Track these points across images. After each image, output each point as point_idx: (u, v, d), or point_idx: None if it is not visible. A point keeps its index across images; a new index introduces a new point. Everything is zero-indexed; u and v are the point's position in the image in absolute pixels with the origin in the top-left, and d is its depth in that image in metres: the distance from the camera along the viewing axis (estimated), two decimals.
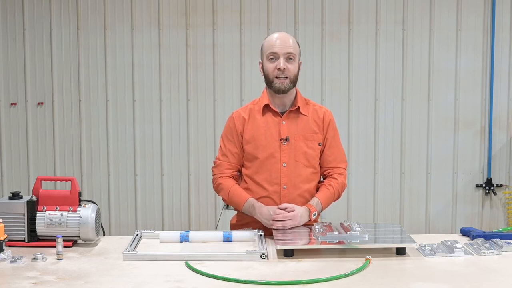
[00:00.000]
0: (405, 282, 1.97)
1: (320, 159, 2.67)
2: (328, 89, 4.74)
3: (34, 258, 2.15)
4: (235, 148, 2.65)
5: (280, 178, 2.58)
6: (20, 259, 2.14)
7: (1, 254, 2.16)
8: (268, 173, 2.59)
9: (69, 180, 2.42)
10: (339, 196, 2.70)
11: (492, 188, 4.81)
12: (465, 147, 4.82)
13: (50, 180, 2.55)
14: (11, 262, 2.13)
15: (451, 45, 4.76)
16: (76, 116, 4.75)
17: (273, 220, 2.44)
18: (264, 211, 2.49)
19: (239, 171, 2.70)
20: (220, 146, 2.70)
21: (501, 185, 4.85)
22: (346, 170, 2.72)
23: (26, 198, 2.38)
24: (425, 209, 4.85)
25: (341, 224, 2.46)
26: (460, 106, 4.80)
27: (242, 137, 2.63)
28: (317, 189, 2.66)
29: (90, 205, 2.38)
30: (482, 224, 4.86)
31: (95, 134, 4.76)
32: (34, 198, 2.37)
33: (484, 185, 4.83)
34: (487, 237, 2.39)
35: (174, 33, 4.71)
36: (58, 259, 2.17)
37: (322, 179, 2.73)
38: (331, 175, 2.67)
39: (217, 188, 2.69)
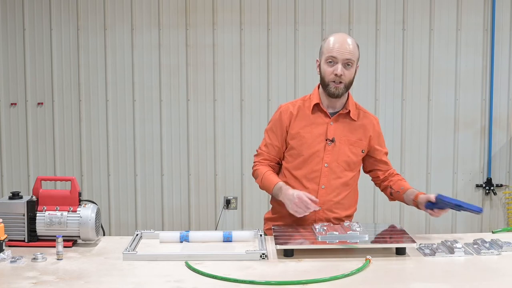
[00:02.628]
0: (405, 282, 1.97)
1: (377, 165, 2.72)
2: None
3: (34, 258, 2.15)
4: (277, 141, 2.65)
5: (320, 178, 2.57)
6: (20, 259, 2.14)
7: (1, 254, 2.16)
8: (309, 170, 2.58)
9: (69, 180, 2.42)
10: None
11: (492, 188, 4.81)
12: (465, 147, 4.82)
13: (50, 180, 2.56)
14: (11, 262, 2.13)
15: (451, 45, 4.76)
16: (76, 116, 4.75)
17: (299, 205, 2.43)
18: (289, 193, 2.47)
19: (279, 163, 2.70)
20: (264, 136, 2.71)
21: (501, 185, 4.85)
22: None
23: (26, 198, 2.37)
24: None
25: (341, 224, 2.46)
26: (460, 106, 4.80)
27: (287, 132, 2.63)
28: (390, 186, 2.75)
29: (90, 205, 2.38)
30: (482, 224, 4.86)
31: (95, 134, 4.76)
32: (34, 198, 2.37)
33: (484, 185, 4.83)
34: (452, 200, 2.44)
35: (174, 33, 4.71)
36: (58, 259, 2.17)
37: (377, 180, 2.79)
38: (396, 175, 2.77)
39: (254, 174, 2.70)
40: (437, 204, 2.47)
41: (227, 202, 4.74)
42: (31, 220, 2.34)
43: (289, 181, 2.61)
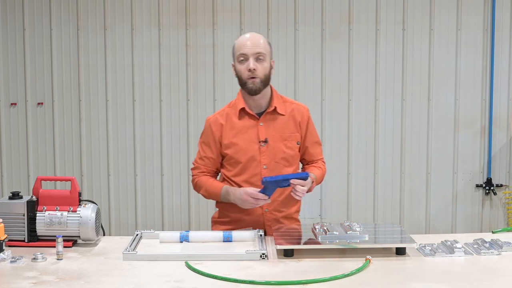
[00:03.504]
0: (405, 282, 1.97)
1: (303, 155, 2.72)
2: (328, 89, 4.74)
3: (34, 258, 2.15)
4: (211, 153, 2.68)
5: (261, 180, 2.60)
6: (20, 259, 2.14)
7: (1, 254, 2.16)
8: (249, 175, 2.61)
9: (69, 180, 2.42)
10: (321, 181, 2.77)
11: (492, 188, 4.81)
12: (465, 147, 4.82)
13: (50, 180, 2.56)
14: (11, 262, 2.13)
15: (451, 45, 4.76)
16: (76, 116, 4.75)
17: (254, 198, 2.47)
18: (236, 193, 2.53)
19: (217, 172, 2.75)
20: (198, 149, 2.73)
21: (501, 185, 4.85)
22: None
23: (26, 198, 2.38)
24: (425, 209, 4.85)
25: (341, 224, 2.46)
26: (460, 106, 4.80)
27: (220, 143, 2.65)
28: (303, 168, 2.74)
29: (90, 205, 2.38)
30: (482, 224, 4.86)
31: (95, 134, 4.76)
32: (34, 198, 2.37)
33: (484, 185, 4.83)
34: (278, 177, 2.42)
35: (174, 33, 4.71)
36: (58, 259, 2.17)
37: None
38: (317, 162, 2.74)
39: (196, 187, 2.73)
40: (267, 189, 2.45)
41: None
42: (31, 220, 2.34)
43: (232, 185, 2.63)
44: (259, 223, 2.62)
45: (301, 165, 2.79)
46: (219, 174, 2.76)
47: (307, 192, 2.53)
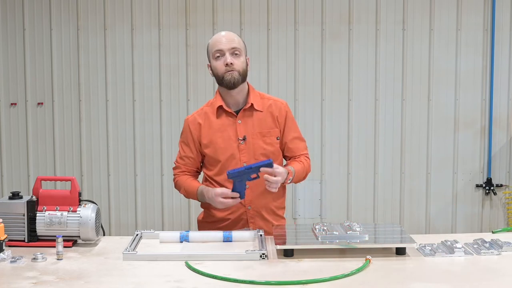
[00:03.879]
0: (405, 282, 1.97)
1: (284, 151, 2.70)
2: (328, 89, 4.74)
3: (34, 258, 2.15)
4: (191, 153, 2.68)
5: None
6: (20, 259, 2.14)
7: (1, 254, 2.16)
8: None
9: (69, 180, 2.42)
10: (305, 177, 2.70)
11: (492, 188, 4.81)
12: (465, 147, 4.82)
13: (50, 180, 2.56)
14: (11, 262, 2.13)
15: (451, 45, 4.76)
16: (76, 116, 4.75)
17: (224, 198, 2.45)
18: (209, 195, 2.52)
19: (198, 171, 2.75)
20: (179, 149, 2.73)
21: (501, 185, 4.85)
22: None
23: (26, 198, 2.37)
24: (425, 209, 4.85)
25: (341, 224, 2.46)
26: (460, 106, 4.80)
27: (200, 142, 2.65)
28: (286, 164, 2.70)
29: (90, 205, 2.38)
30: (482, 224, 4.86)
31: (95, 134, 4.76)
32: (34, 198, 2.37)
33: (484, 185, 4.83)
34: (241, 169, 2.40)
35: (174, 33, 4.71)
36: (58, 259, 2.17)
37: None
38: (299, 157, 2.70)
39: (176, 186, 2.73)
40: (237, 185, 2.43)
41: None
42: (31, 220, 2.34)
43: (213, 185, 2.63)
44: (243, 220, 2.63)
45: (284, 162, 2.77)
46: (200, 174, 2.76)
47: (284, 183, 2.50)
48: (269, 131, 2.63)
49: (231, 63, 2.55)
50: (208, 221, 2.71)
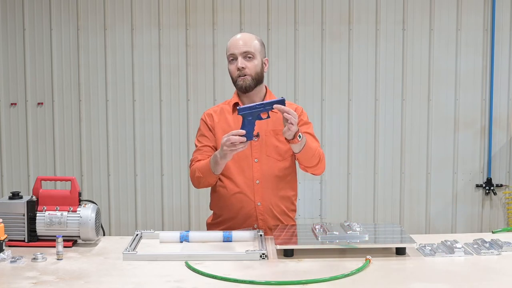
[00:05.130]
0: (405, 282, 1.97)
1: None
2: (328, 89, 4.74)
3: (34, 258, 2.15)
4: (209, 142, 2.68)
5: (253, 173, 2.61)
6: (20, 259, 2.14)
7: (1, 254, 2.16)
8: (241, 169, 2.62)
9: (69, 180, 2.42)
10: (319, 161, 2.62)
11: (492, 188, 4.81)
12: (465, 147, 4.82)
13: (50, 180, 2.55)
14: (11, 262, 2.13)
15: (451, 45, 4.76)
16: (76, 116, 4.75)
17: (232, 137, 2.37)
18: (221, 149, 2.43)
19: None
20: (195, 145, 2.73)
21: (501, 185, 4.85)
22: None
23: (26, 198, 2.37)
24: (425, 209, 4.85)
25: (341, 224, 2.46)
26: (460, 106, 4.80)
27: (214, 133, 2.68)
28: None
29: (90, 205, 2.38)
30: (482, 224, 4.86)
31: (95, 134, 4.76)
32: (34, 198, 2.37)
33: (484, 185, 4.83)
34: (252, 107, 2.35)
35: (174, 33, 4.71)
36: (58, 259, 2.17)
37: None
38: None
39: (191, 173, 2.65)
40: (246, 123, 2.36)
41: None
42: (31, 220, 2.34)
43: (224, 183, 2.64)
44: (252, 217, 2.62)
45: (297, 163, 2.76)
46: None
47: (295, 139, 2.40)
48: (282, 129, 2.63)
49: (243, 67, 2.58)
50: (216, 222, 2.72)
